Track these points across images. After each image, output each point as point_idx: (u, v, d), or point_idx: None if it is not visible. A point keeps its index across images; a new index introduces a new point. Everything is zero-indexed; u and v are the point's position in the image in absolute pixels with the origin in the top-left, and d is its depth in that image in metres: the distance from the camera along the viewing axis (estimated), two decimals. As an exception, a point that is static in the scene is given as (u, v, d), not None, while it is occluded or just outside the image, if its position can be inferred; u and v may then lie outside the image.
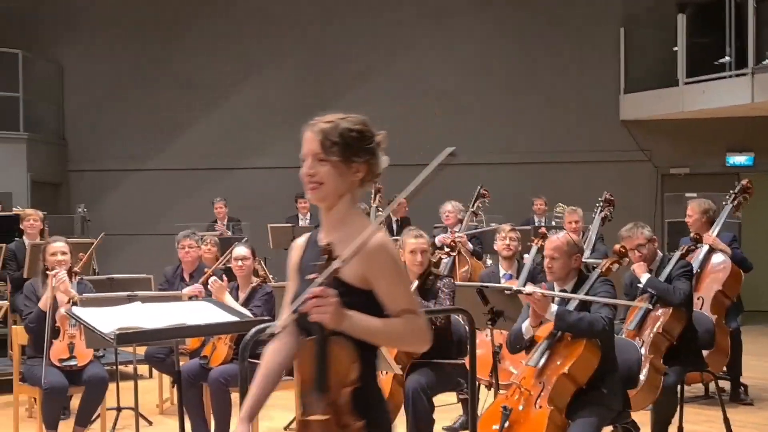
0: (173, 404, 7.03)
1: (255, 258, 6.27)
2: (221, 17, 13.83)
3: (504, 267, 6.93)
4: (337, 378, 2.60)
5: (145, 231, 12.78)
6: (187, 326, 4.18)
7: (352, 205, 2.68)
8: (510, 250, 6.84)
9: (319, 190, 2.59)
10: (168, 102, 13.80)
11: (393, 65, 13.43)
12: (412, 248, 5.38)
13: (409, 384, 5.02)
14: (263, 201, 12.65)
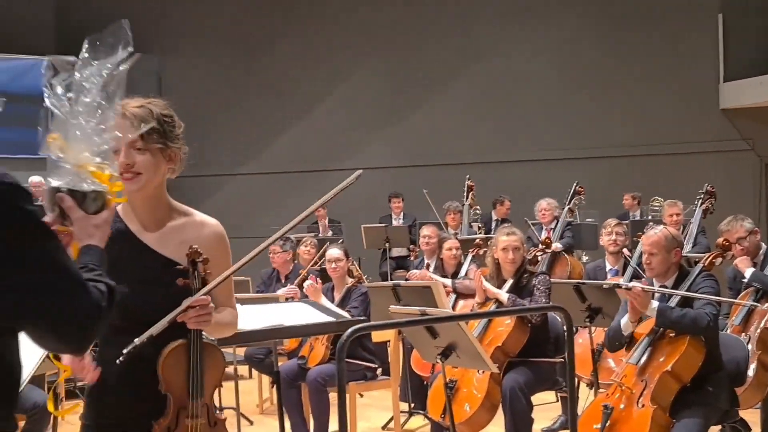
0: (273, 404, 7.14)
1: (348, 259, 6.31)
2: (311, 25, 13.99)
3: (610, 262, 6.84)
4: (212, 381, 2.66)
5: (242, 234, 12.99)
6: (285, 327, 4.24)
7: (166, 194, 2.63)
8: (616, 245, 6.77)
9: (137, 180, 2.47)
10: (262, 107, 14.03)
11: (480, 65, 13.31)
12: (503, 245, 5.34)
13: (506, 383, 4.97)
14: (357, 202, 12.72)
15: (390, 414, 6.23)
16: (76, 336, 1.72)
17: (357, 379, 5.84)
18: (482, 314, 5.35)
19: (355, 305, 6.00)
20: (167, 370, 2.57)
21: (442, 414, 4.93)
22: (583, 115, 13.01)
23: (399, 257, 11.21)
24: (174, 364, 2.57)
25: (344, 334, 2.90)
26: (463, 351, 4.37)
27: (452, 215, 10.12)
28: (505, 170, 12.74)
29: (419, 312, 4.53)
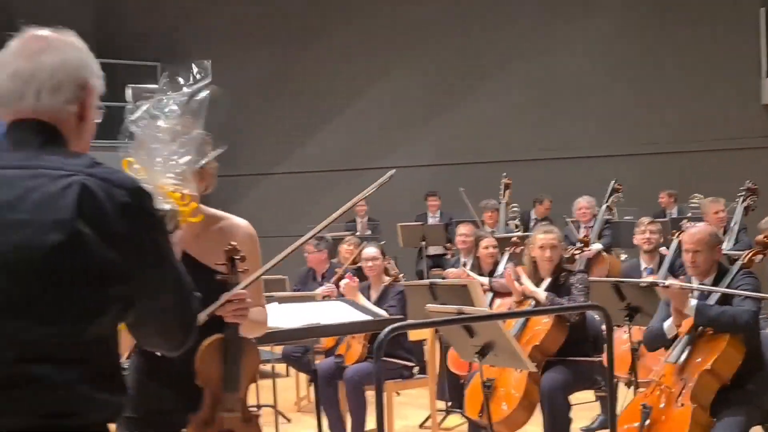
0: (310, 402, 7.16)
1: (385, 257, 6.31)
2: (349, 23, 14.00)
3: (645, 261, 6.79)
4: (247, 376, 2.73)
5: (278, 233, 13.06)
6: (322, 326, 4.26)
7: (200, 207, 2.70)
8: (650, 243, 6.72)
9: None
10: (297, 107, 14.08)
11: (519, 61, 13.22)
12: (540, 244, 5.31)
13: (545, 382, 4.95)
14: (393, 200, 12.73)
15: (427, 412, 6.22)
16: (180, 340, 1.89)
17: (394, 378, 5.83)
18: (520, 313, 5.33)
19: (392, 304, 6.01)
20: (204, 364, 2.63)
21: (479, 413, 4.92)
22: (622, 112, 12.87)
23: (435, 256, 11.19)
24: (210, 358, 2.64)
25: (382, 333, 2.91)
26: (501, 350, 4.36)
27: (489, 213, 10.09)
28: (542, 168, 12.67)
29: (456, 311, 4.52)
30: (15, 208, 1.64)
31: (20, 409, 1.60)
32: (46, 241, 1.61)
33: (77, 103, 1.78)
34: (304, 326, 4.14)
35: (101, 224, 1.65)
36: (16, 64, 1.76)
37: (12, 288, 1.61)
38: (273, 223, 13.36)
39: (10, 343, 1.60)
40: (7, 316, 1.61)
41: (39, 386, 1.60)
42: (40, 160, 1.70)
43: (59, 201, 1.63)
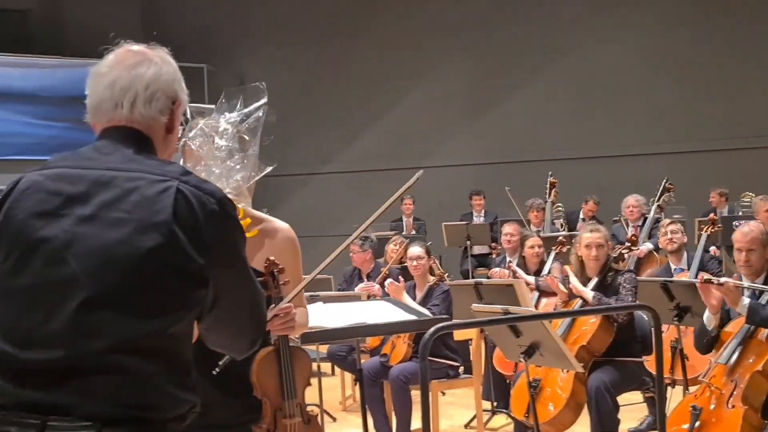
0: (356, 401, 7.18)
1: (430, 257, 6.30)
2: (394, 21, 13.99)
3: (673, 262, 6.75)
4: (302, 381, 2.84)
5: (326, 232, 13.12)
6: (367, 325, 4.24)
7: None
8: (673, 243, 6.67)
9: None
10: (344, 106, 14.12)
11: (565, 58, 13.08)
12: (587, 243, 5.26)
13: (592, 382, 4.90)
14: (438, 199, 12.71)
15: (472, 412, 6.20)
16: (252, 340, 1.99)
17: (439, 378, 5.82)
18: (566, 313, 5.28)
19: (437, 303, 5.99)
20: (261, 377, 2.73)
21: (525, 413, 4.89)
22: (672, 108, 12.65)
23: (480, 255, 11.15)
24: (267, 369, 2.74)
25: (427, 332, 2.91)
26: (547, 350, 4.33)
27: (534, 212, 10.03)
28: (589, 166, 12.54)
29: (502, 310, 4.50)
30: (115, 207, 1.75)
31: (105, 397, 1.68)
32: (146, 240, 1.72)
33: (168, 114, 1.90)
34: (349, 326, 4.14)
35: (193, 229, 1.76)
36: (114, 75, 1.87)
37: (109, 282, 1.71)
38: (320, 222, 13.42)
39: (104, 334, 1.69)
40: (104, 308, 1.70)
41: (125, 377, 1.69)
42: (137, 163, 1.81)
43: (157, 204, 1.75)
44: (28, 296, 1.73)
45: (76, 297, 1.70)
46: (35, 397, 1.69)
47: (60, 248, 1.72)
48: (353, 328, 4.17)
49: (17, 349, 1.71)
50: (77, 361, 1.69)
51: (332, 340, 5.58)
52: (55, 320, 1.70)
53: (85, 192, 1.77)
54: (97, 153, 1.84)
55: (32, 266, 1.73)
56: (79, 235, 1.73)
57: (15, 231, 1.76)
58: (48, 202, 1.76)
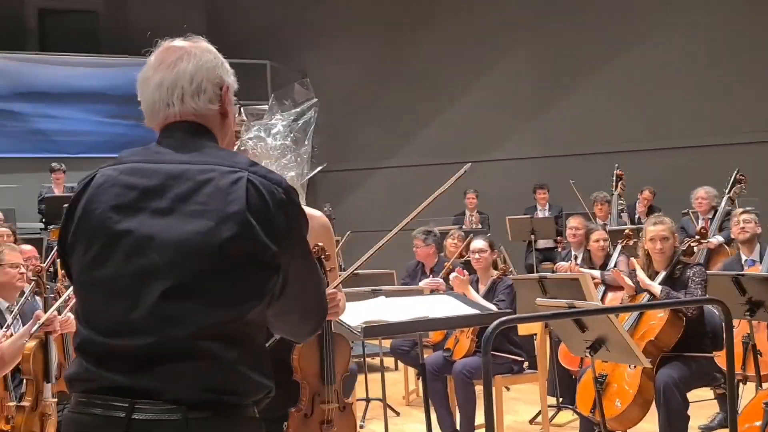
0: (419, 396, 7.16)
1: (493, 251, 6.24)
2: (458, 13, 13.89)
3: (744, 253, 6.55)
4: (341, 368, 2.90)
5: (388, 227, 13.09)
6: (430, 319, 4.22)
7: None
8: (745, 233, 6.48)
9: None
10: (407, 99, 14.08)
11: (630, 49, 12.80)
12: (651, 236, 5.15)
13: (660, 378, 4.79)
14: (502, 193, 12.60)
15: (537, 408, 6.13)
16: (315, 324, 2.06)
17: (503, 373, 5.77)
18: (633, 307, 5.17)
19: (502, 298, 5.94)
20: (303, 360, 2.79)
21: (591, 409, 4.81)
22: (744, 97, 12.27)
23: (545, 249, 11.03)
24: (308, 354, 2.81)
25: (489, 327, 2.87)
26: (614, 345, 4.24)
27: (599, 206, 9.87)
28: (657, 158, 12.28)
29: (566, 305, 4.42)
30: (190, 200, 1.81)
31: (190, 382, 1.75)
32: (222, 231, 1.78)
33: (218, 102, 1.94)
34: (411, 320, 4.12)
35: (264, 218, 1.81)
36: (158, 76, 1.92)
37: (190, 271, 1.77)
38: (383, 217, 13.39)
39: (187, 321, 1.76)
40: (185, 297, 1.76)
41: (208, 362, 1.76)
42: (207, 156, 1.87)
43: (230, 194, 1.80)
44: (112, 286, 1.79)
45: (158, 287, 1.76)
46: (122, 381, 1.76)
47: (140, 240, 1.79)
48: (415, 322, 4.15)
49: (103, 336, 1.78)
50: (162, 347, 1.75)
51: (394, 334, 5.57)
52: (139, 309, 1.76)
53: (159, 185, 1.83)
54: (164, 148, 1.90)
55: (114, 258, 1.79)
56: (157, 228, 1.79)
57: (94, 225, 1.82)
58: (124, 196, 1.82)
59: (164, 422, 1.73)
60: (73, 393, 1.84)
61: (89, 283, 1.83)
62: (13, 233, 7.52)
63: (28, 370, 3.69)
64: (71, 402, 1.84)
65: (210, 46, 1.98)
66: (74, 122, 12.55)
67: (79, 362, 1.82)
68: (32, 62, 12.75)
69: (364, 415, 6.58)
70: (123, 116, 12.47)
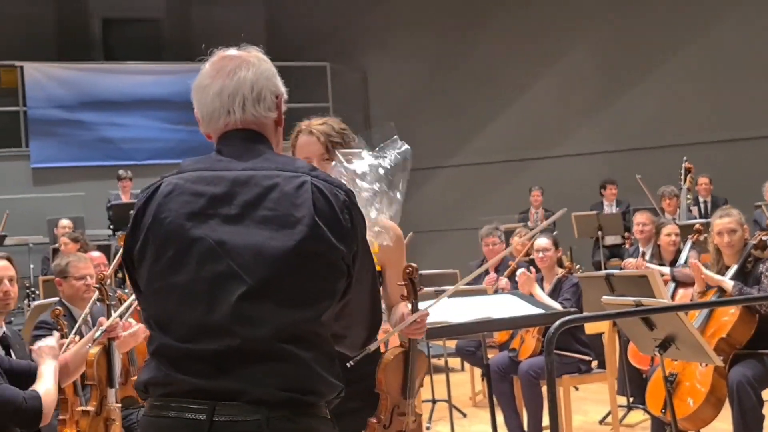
0: (485, 397, 7.08)
1: (558, 248, 6.14)
2: (519, 7, 13.71)
3: None
4: (419, 383, 2.96)
5: (451, 226, 13.06)
6: (493, 320, 4.17)
7: None
8: None
9: None
10: (468, 97, 13.97)
11: (698, 38, 12.45)
12: (718, 229, 5.00)
13: (733, 376, 4.65)
14: (568, 189, 12.43)
15: (607, 408, 6.02)
16: (366, 337, 2.10)
17: (570, 372, 5.67)
18: (703, 304, 5.03)
19: (567, 296, 5.84)
20: (389, 374, 2.84)
21: (662, 409, 4.69)
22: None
23: (612, 246, 10.85)
24: (394, 368, 2.86)
25: (552, 326, 2.84)
26: (684, 343, 4.12)
27: (668, 200, 9.66)
28: (726, 149, 11.95)
29: (634, 302, 4.32)
30: (259, 205, 1.86)
31: (269, 383, 1.79)
32: (293, 234, 1.83)
33: (275, 110, 2.00)
34: (474, 320, 4.07)
35: (331, 220, 1.86)
36: (219, 84, 1.96)
37: (265, 275, 1.81)
38: (447, 216, 13.38)
39: (264, 323, 1.80)
40: (262, 299, 1.81)
41: (286, 363, 1.80)
42: (269, 162, 1.92)
43: (297, 198, 1.86)
44: (187, 292, 1.83)
45: (234, 290, 1.80)
46: (202, 384, 1.79)
47: (213, 246, 1.83)
48: (478, 323, 4.10)
49: (180, 341, 1.82)
50: (241, 349, 1.79)
51: (457, 335, 5.53)
52: (216, 312, 1.80)
53: (227, 192, 1.87)
54: (225, 156, 1.94)
55: (188, 264, 1.83)
56: (229, 233, 1.83)
57: (166, 232, 1.86)
58: (194, 203, 1.86)
59: (246, 422, 1.77)
60: (149, 397, 1.87)
61: (164, 289, 1.86)
62: (83, 241, 7.67)
63: (91, 375, 3.75)
64: (147, 406, 1.88)
65: (263, 55, 2.02)
66: (139, 130, 12.77)
67: (156, 366, 1.85)
68: (97, 72, 13.02)
69: (431, 417, 6.54)
70: (187, 122, 12.59)
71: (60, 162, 12.15)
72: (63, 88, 12.41)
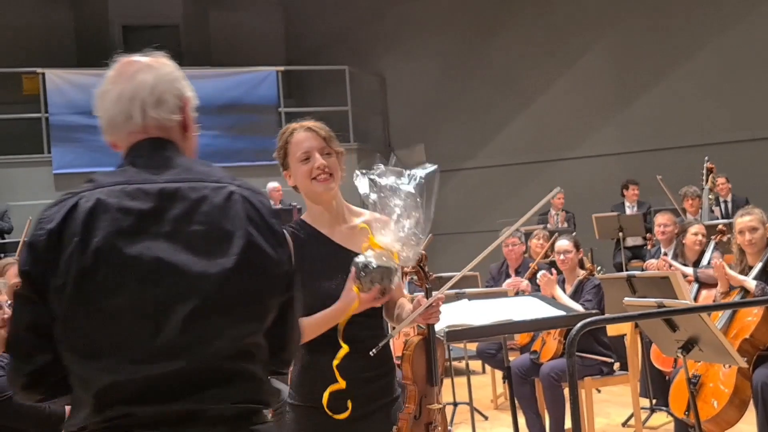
0: (507, 399, 7.06)
1: (579, 250, 6.11)
2: (535, 8, 13.68)
3: None
4: (441, 369, 2.95)
5: (470, 229, 13.02)
6: (514, 322, 4.15)
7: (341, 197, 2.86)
8: None
9: (332, 181, 2.75)
10: (486, 99, 13.94)
11: (717, 37, 12.38)
12: (740, 228, 4.97)
13: (757, 378, 4.61)
14: (587, 190, 12.37)
15: (630, 410, 5.98)
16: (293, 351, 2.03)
17: (593, 374, 5.64)
18: (726, 305, 4.99)
19: (589, 298, 5.81)
20: (415, 363, 2.87)
21: (686, 411, 4.65)
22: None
23: (634, 247, 10.78)
24: (419, 356, 2.88)
25: (573, 329, 2.82)
26: (707, 344, 4.09)
27: (690, 201, 9.59)
28: (747, 149, 11.86)
29: (656, 304, 4.29)
30: (190, 221, 1.78)
31: (225, 399, 1.76)
32: (231, 249, 1.77)
33: (179, 113, 1.91)
34: (495, 323, 4.05)
35: (264, 228, 1.83)
36: (118, 89, 1.89)
37: (207, 292, 1.75)
38: (464, 219, 13.34)
39: (216, 341, 1.75)
40: (209, 316, 1.75)
41: (239, 377, 1.78)
42: (190, 172, 1.84)
43: (228, 210, 1.80)
44: (130, 315, 1.73)
45: (180, 310, 1.73)
46: (158, 410, 1.72)
47: (152, 266, 1.73)
48: (498, 325, 4.08)
49: (127, 367, 1.72)
50: (194, 369, 1.74)
51: (477, 337, 5.50)
52: (164, 334, 1.72)
53: (155, 207, 1.78)
54: (140, 167, 1.84)
55: (125, 285, 1.72)
56: (166, 252, 1.74)
57: (95, 253, 1.72)
58: (123, 221, 1.75)
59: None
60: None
61: (99, 314, 1.72)
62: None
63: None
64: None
65: (169, 60, 1.96)
66: (159, 135, 12.82)
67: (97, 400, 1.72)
68: (118, 78, 13.09)
69: (452, 420, 6.52)
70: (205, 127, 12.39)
71: (81, 168, 12.18)
72: (83, 94, 12.47)
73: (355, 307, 2.59)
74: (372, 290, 2.54)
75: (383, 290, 2.57)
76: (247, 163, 12.48)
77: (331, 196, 2.77)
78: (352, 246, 2.75)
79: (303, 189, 2.78)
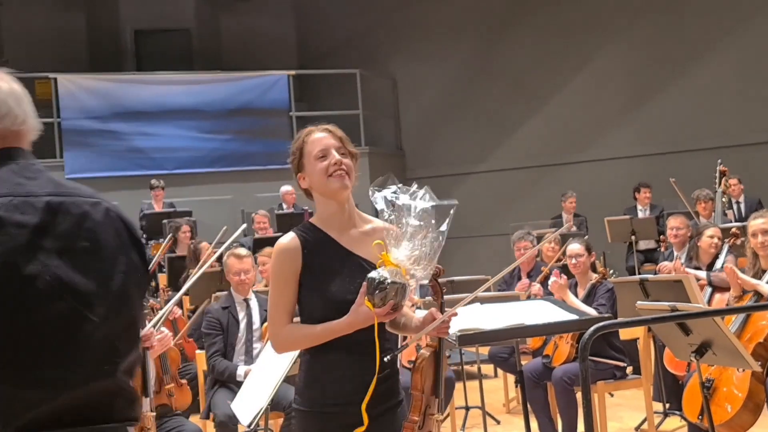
0: (519, 403, 7.03)
1: (591, 254, 6.08)
2: (548, 9, 13.63)
3: None
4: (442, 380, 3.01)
5: (482, 232, 13.00)
6: (526, 326, 4.13)
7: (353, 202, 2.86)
8: None
9: (348, 179, 2.75)
10: (498, 102, 13.91)
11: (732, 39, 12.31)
12: (753, 231, 4.94)
13: (772, 382, 4.58)
14: (599, 193, 12.33)
15: (643, 415, 5.94)
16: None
17: (605, 379, 5.61)
18: (739, 309, 4.96)
19: (602, 302, 5.78)
20: (424, 374, 2.92)
21: (699, 415, 4.62)
22: None
23: (647, 250, 10.74)
24: (428, 367, 2.93)
25: (586, 333, 2.80)
26: (720, 348, 4.06)
27: (702, 204, 9.54)
28: (761, 152, 11.79)
29: (669, 307, 4.26)
30: (77, 237, 1.81)
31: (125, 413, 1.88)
32: (117, 265, 1.84)
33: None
34: (507, 327, 4.04)
35: (136, 245, 1.92)
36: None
37: (106, 310, 1.80)
38: (477, 222, 13.30)
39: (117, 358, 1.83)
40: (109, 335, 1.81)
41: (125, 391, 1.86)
42: (63, 187, 1.86)
43: (109, 227, 1.87)
44: (37, 335, 1.73)
45: (84, 328, 1.77)
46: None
47: (52, 284, 1.74)
48: (511, 329, 4.07)
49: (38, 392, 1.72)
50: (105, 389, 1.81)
51: (490, 341, 5.49)
52: (78, 353, 1.76)
53: (44, 222, 1.78)
54: (15, 177, 1.82)
55: (30, 304, 1.72)
56: (61, 269, 1.76)
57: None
58: (19, 237, 1.74)
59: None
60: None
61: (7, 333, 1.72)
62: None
63: (125, 385, 3.75)
64: None
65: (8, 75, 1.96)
66: (171, 139, 12.85)
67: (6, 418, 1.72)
68: (129, 82, 13.13)
69: (464, 424, 6.50)
70: (217, 131, 12.71)
71: (93, 172, 12.24)
72: (95, 99, 12.54)
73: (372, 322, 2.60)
74: (385, 306, 2.55)
75: (395, 306, 2.57)
76: (258, 167, 12.50)
77: (346, 195, 2.77)
78: (359, 251, 2.74)
79: (318, 187, 2.75)
